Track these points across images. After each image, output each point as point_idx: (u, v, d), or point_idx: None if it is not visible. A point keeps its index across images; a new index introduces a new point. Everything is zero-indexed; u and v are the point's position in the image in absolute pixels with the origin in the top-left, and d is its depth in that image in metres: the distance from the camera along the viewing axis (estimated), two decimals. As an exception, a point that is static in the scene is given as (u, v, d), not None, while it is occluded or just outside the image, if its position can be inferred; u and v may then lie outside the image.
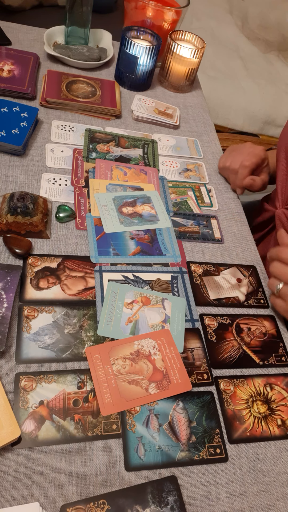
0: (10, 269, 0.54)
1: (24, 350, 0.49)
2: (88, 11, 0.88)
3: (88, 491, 0.42)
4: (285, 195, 0.77)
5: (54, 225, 0.63)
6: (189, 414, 0.49)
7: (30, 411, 0.45)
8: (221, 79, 1.78)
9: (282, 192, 0.77)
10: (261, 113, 1.76)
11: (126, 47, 0.85)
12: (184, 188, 0.76)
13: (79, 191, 0.69)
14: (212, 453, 0.47)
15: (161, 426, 0.48)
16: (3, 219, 0.58)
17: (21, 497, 0.41)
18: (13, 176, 0.67)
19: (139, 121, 0.86)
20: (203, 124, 0.91)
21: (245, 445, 0.49)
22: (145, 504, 0.42)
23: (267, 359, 0.57)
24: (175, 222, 0.69)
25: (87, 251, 0.61)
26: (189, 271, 0.64)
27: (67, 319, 0.53)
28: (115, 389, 0.49)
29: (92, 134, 0.78)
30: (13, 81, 0.79)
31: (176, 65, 0.92)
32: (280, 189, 0.77)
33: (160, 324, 0.56)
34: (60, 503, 0.41)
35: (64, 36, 0.92)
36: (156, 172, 0.77)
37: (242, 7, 2.14)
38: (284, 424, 0.52)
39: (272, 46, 2.11)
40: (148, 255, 0.63)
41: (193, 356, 0.54)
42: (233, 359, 0.56)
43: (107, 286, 0.58)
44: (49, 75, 0.84)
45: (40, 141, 0.74)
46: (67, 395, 0.47)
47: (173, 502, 0.43)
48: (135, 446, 0.46)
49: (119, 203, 0.69)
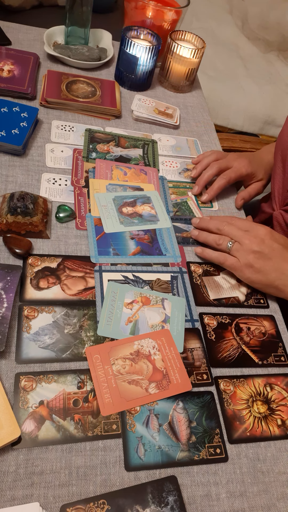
0: (10, 269, 0.54)
1: (24, 350, 0.49)
2: (88, 11, 0.88)
3: (88, 491, 0.43)
4: (282, 197, 0.77)
5: (54, 225, 0.63)
6: (189, 414, 0.49)
7: (30, 411, 0.45)
8: (221, 79, 1.78)
9: (279, 194, 0.77)
10: (261, 113, 1.76)
11: (126, 47, 0.85)
12: (184, 188, 0.76)
13: (79, 191, 0.69)
14: (212, 453, 0.47)
15: (161, 426, 0.48)
16: (3, 219, 0.58)
17: (21, 497, 0.41)
18: (13, 176, 0.67)
19: (139, 121, 0.86)
20: (203, 124, 0.91)
21: (245, 445, 0.49)
22: (145, 504, 0.42)
23: (266, 358, 0.57)
24: (177, 228, 0.69)
25: (87, 251, 0.61)
26: (189, 271, 0.64)
27: (67, 319, 0.53)
28: (115, 389, 0.49)
29: (92, 134, 0.78)
30: (13, 81, 0.79)
31: (176, 65, 0.92)
32: (277, 191, 0.77)
33: (160, 324, 0.56)
34: (60, 503, 0.41)
35: (64, 36, 0.92)
36: (156, 172, 0.77)
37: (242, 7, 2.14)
38: (284, 424, 0.52)
39: (272, 46, 2.11)
40: (148, 255, 0.63)
41: (193, 356, 0.54)
42: (232, 358, 0.56)
43: (107, 286, 0.58)
44: (49, 75, 0.84)
45: (40, 141, 0.74)
46: (67, 395, 0.47)
47: (173, 502, 0.43)
48: (135, 446, 0.46)
49: (119, 203, 0.69)
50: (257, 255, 0.60)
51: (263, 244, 0.60)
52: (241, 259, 0.61)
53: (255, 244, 0.60)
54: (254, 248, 0.60)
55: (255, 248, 0.60)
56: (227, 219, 0.66)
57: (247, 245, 0.61)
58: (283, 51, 2.13)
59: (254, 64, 1.94)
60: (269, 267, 0.60)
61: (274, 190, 0.78)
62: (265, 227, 0.63)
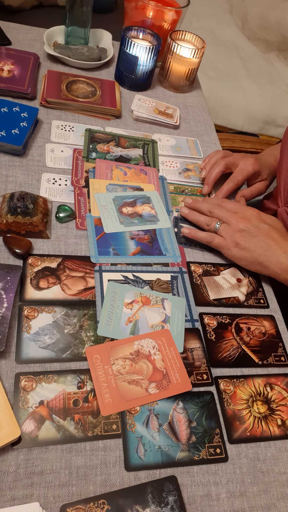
0: (10, 269, 0.54)
1: (24, 350, 0.49)
2: (88, 11, 0.88)
3: (88, 491, 0.43)
4: (287, 193, 0.76)
5: (54, 225, 0.63)
6: (189, 414, 0.49)
7: (30, 411, 0.45)
8: (221, 79, 1.78)
9: (285, 190, 0.76)
10: (261, 113, 1.76)
11: (126, 47, 0.85)
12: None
13: (79, 191, 0.69)
14: (212, 453, 0.47)
15: (161, 426, 0.48)
16: (3, 219, 0.58)
17: (21, 497, 0.41)
18: (13, 176, 0.67)
19: (139, 121, 0.86)
20: (203, 124, 0.91)
21: (245, 445, 0.49)
22: (145, 504, 0.42)
23: (266, 358, 0.57)
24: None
25: (87, 251, 0.61)
26: (189, 271, 0.64)
27: (67, 319, 0.53)
28: (115, 389, 0.49)
29: (92, 134, 0.78)
30: (13, 81, 0.79)
31: (176, 65, 0.92)
32: (283, 188, 0.76)
33: (160, 324, 0.56)
34: (60, 503, 0.41)
35: (64, 36, 0.92)
36: (156, 172, 0.77)
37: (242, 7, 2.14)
38: (284, 424, 0.52)
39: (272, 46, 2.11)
40: (148, 255, 0.63)
41: (193, 356, 0.54)
42: (232, 358, 0.56)
43: (107, 286, 0.58)
44: (49, 75, 0.84)
45: (40, 141, 0.74)
46: (67, 395, 0.47)
47: (173, 502, 0.43)
48: (135, 446, 0.46)
49: (119, 203, 0.69)
50: (243, 233, 0.63)
51: (249, 223, 0.63)
52: (227, 238, 0.64)
53: (242, 223, 0.63)
54: (240, 227, 0.63)
55: (241, 226, 0.63)
56: (218, 201, 0.69)
57: (234, 225, 0.64)
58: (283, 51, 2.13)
59: (254, 64, 1.94)
60: (254, 244, 0.62)
61: (280, 186, 0.77)
62: (254, 209, 0.66)
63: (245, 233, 0.63)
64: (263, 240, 0.62)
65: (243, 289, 0.64)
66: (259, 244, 0.62)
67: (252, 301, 0.63)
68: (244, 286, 0.65)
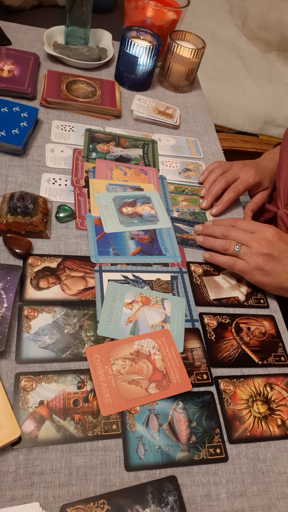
0: (10, 269, 0.54)
1: (24, 350, 0.49)
2: (88, 11, 0.88)
3: (88, 491, 0.43)
4: (287, 195, 0.76)
5: (54, 225, 0.63)
6: (189, 414, 0.49)
7: (30, 411, 0.45)
8: (221, 79, 1.78)
9: (285, 192, 0.76)
10: (261, 113, 1.76)
11: (126, 47, 0.85)
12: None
13: (79, 191, 0.69)
14: (212, 453, 0.47)
15: (161, 426, 0.48)
16: (3, 219, 0.58)
17: (21, 497, 0.41)
18: (13, 176, 0.67)
19: (139, 121, 0.86)
20: (203, 124, 0.91)
21: (245, 445, 0.49)
22: (145, 504, 0.42)
23: (266, 358, 0.57)
24: (178, 228, 0.69)
25: (87, 251, 0.61)
26: (189, 271, 0.64)
27: (67, 319, 0.53)
28: (115, 389, 0.49)
29: (92, 134, 0.78)
30: (13, 81, 0.79)
31: (176, 65, 0.92)
32: (283, 190, 0.76)
33: (160, 324, 0.56)
34: (60, 503, 0.41)
35: (64, 36, 0.92)
36: (156, 172, 0.77)
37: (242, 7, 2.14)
38: (284, 424, 0.52)
39: (272, 46, 2.11)
40: (148, 255, 0.63)
41: (193, 356, 0.54)
42: (232, 358, 0.56)
43: (107, 286, 0.58)
44: (49, 75, 0.84)
45: (40, 141, 0.74)
46: (67, 395, 0.47)
47: (173, 502, 0.43)
48: (135, 446, 0.46)
49: (119, 203, 0.69)
50: (266, 258, 0.59)
51: (272, 246, 0.60)
52: (250, 262, 0.60)
53: (264, 246, 0.60)
54: (264, 251, 0.59)
55: (264, 250, 0.59)
56: (230, 222, 0.66)
57: (256, 248, 0.60)
58: (283, 51, 2.13)
59: (254, 64, 1.94)
60: (279, 269, 0.59)
61: (280, 189, 0.77)
62: (272, 228, 0.62)
63: (269, 257, 0.59)
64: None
65: (243, 289, 0.64)
66: (284, 269, 0.59)
67: (252, 301, 0.63)
68: (244, 286, 0.65)
